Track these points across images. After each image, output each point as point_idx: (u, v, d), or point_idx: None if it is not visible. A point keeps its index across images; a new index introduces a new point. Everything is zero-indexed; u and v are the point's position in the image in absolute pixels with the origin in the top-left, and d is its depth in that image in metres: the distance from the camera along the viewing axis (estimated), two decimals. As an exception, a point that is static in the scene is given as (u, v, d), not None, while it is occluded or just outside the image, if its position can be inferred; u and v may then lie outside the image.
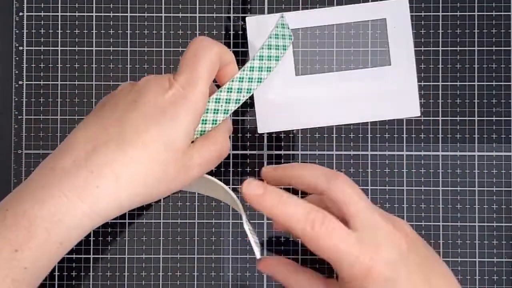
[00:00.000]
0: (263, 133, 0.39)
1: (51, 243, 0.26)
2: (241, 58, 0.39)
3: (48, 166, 0.28)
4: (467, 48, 0.39)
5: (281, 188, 0.30)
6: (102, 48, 0.40)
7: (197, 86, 0.29)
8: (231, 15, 0.40)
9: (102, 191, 0.27)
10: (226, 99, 0.32)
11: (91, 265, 0.39)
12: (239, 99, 0.32)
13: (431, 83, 0.39)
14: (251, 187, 0.30)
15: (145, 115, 0.28)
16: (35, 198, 0.27)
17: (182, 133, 0.29)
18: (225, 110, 0.32)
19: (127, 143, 0.27)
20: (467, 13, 0.39)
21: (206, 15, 0.40)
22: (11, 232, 0.26)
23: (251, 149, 0.39)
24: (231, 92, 0.32)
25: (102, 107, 0.30)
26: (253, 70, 0.33)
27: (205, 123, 0.31)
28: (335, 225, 0.28)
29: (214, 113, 0.32)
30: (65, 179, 0.27)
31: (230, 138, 0.34)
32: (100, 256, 0.39)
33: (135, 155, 0.27)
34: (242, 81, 0.32)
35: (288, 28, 0.35)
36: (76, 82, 0.40)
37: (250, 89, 0.33)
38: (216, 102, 0.32)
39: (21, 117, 0.39)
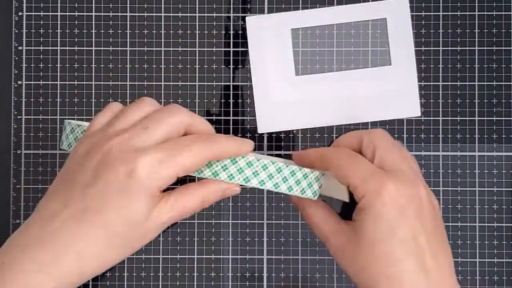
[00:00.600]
0: (263, 133, 0.39)
1: None
2: (241, 58, 0.39)
3: (20, 242, 0.30)
4: (467, 48, 0.39)
5: None
6: (102, 48, 0.40)
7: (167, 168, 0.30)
8: (231, 15, 0.40)
9: (67, 268, 0.29)
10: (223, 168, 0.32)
11: (91, 265, 0.39)
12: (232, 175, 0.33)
13: (431, 83, 0.39)
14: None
15: (105, 194, 0.29)
16: (6, 273, 0.29)
17: (144, 208, 0.30)
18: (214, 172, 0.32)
19: (88, 222, 0.29)
20: (467, 13, 0.39)
21: (206, 15, 0.40)
22: None
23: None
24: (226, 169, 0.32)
25: (70, 167, 0.31)
26: (257, 174, 0.33)
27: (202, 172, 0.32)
28: (361, 156, 0.31)
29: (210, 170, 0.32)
30: (34, 256, 0.29)
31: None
32: (99, 256, 0.39)
33: (96, 233, 0.29)
34: (244, 170, 0.33)
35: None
36: (76, 82, 0.40)
37: (248, 179, 0.33)
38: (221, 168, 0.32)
39: (20, 117, 0.39)
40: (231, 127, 0.39)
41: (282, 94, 0.39)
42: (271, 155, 0.39)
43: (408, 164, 0.31)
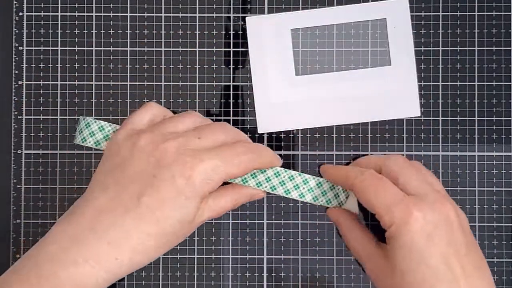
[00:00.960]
0: (263, 133, 0.39)
1: None
2: (241, 58, 0.39)
3: (68, 232, 0.30)
4: (467, 48, 0.39)
5: None
6: (102, 48, 0.40)
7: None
8: (231, 15, 0.40)
9: (120, 262, 0.30)
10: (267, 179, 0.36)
11: (91, 265, 0.39)
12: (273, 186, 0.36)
13: (431, 83, 0.39)
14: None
15: (162, 193, 0.31)
16: (57, 263, 0.29)
17: (195, 209, 0.31)
18: (258, 183, 0.35)
19: (142, 219, 0.30)
20: (467, 13, 0.39)
21: (206, 15, 0.40)
22: None
23: (251, 149, 0.39)
24: (270, 180, 0.36)
25: (121, 164, 0.32)
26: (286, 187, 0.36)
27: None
28: (386, 179, 0.32)
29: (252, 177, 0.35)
30: (86, 248, 0.29)
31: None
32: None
33: (149, 229, 0.30)
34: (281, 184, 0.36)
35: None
36: (76, 82, 0.40)
37: (287, 190, 0.36)
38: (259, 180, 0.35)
39: (21, 117, 0.39)
40: (231, 127, 0.39)
41: (282, 94, 0.39)
42: (271, 155, 0.39)
43: (431, 186, 0.32)
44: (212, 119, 0.39)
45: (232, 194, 0.35)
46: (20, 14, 0.40)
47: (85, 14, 0.40)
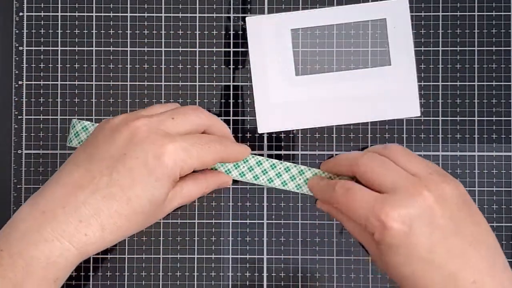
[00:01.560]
0: (263, 133, 0.39)
1: (47, 280, 0.29)
2: (241, 58, 0.39)
3: (39, 209, 0.30)
4: (467, 48, 0.39)
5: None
6: (102, 48, 0.40)
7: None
8: (231, 15, 0.40)
9: (90, 239, 0.30)
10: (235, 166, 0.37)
11: (91, 265, 0.39)
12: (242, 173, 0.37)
13: (431, 83, 0.39)
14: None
15: (133, 172, 0.30)
16: (29, 241, 0.29)
17: (166, 190, 0.31)
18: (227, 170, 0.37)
19: (113, 197, 0.30)
20: (467, 13, 0.39)
21: (206, 15, 0.40)
22: (10, 272, 0.28)
23: (251, 149, 0.39)
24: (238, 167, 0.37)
25: (94, 142, 0.32)
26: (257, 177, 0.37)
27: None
28: (355, 189, 0.32)
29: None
30: (56, 225, 0.29)
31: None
32: (100, 256, 0.39)
33: (120, 209, 0.30)
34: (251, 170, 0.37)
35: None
36: (76, 82, 0.40)
37: (257, 177, 0.37)
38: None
39: (21, 117, 0.39)
40: (231, 127, 0.39)
41: (282, 94, 0.39)
42: (271, 155, 0.39)
43: (405, 174, 0.32)
44: (212, 119, 0.39)
45: (201, 182, 0.35)
46: (20, 14, 0.40)
47: (85, 14, 0.40)
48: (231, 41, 0.40)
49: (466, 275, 0.29)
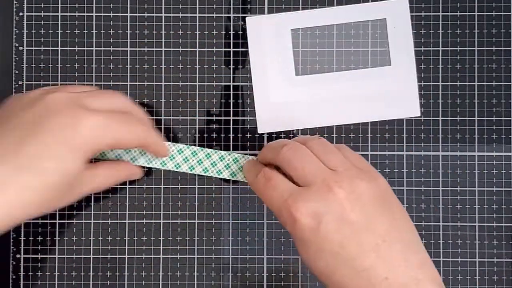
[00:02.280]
0: (263, 133, 0.39)
1: None
2: (241, 58, 0.39)
3: None
4: (467, 48, 0.39)
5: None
6: (102, 48, 0.40)
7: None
8: (231, 15, 0.40)
9: None
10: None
11: (91, 265, 0.39)
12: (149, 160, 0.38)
13: (431, 83, 0.39)
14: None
15: (47, 142, 0.29)
16: None
17: (79, 165, 0.30)
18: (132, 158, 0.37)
19: (24, 169, 0.28)
20: (467, 13, 0.39)
21: (206, 15, 0.40)
22: None
23: (251, 149, 0.39)
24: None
25: (6, 113, 0.31)
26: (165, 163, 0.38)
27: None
28: (274, 180, 0.31)
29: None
30: None
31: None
32: (100, 256, 0.39)
33: (28, 182, 0.29)
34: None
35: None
36: (77, 82, 0.40)
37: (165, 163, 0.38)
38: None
39: (21, 117, 0.39)
40: (231, 127, 0.39)
41: (282, 94, 0.39)
42: (271, 155, 0.39)
43: (322, 167, 0.31)
44: (212, 119, 0.39)
45: (110, 170, 0.34)
46: (20, 14, 0.40)
47: (85, 14, 0.40)
48: (231, 41, 0.40)
49: (378, 271, 0.28)
